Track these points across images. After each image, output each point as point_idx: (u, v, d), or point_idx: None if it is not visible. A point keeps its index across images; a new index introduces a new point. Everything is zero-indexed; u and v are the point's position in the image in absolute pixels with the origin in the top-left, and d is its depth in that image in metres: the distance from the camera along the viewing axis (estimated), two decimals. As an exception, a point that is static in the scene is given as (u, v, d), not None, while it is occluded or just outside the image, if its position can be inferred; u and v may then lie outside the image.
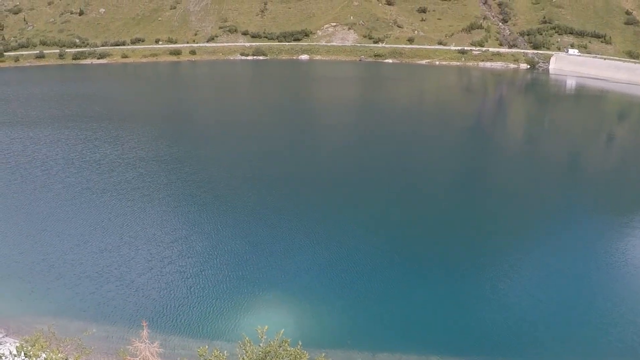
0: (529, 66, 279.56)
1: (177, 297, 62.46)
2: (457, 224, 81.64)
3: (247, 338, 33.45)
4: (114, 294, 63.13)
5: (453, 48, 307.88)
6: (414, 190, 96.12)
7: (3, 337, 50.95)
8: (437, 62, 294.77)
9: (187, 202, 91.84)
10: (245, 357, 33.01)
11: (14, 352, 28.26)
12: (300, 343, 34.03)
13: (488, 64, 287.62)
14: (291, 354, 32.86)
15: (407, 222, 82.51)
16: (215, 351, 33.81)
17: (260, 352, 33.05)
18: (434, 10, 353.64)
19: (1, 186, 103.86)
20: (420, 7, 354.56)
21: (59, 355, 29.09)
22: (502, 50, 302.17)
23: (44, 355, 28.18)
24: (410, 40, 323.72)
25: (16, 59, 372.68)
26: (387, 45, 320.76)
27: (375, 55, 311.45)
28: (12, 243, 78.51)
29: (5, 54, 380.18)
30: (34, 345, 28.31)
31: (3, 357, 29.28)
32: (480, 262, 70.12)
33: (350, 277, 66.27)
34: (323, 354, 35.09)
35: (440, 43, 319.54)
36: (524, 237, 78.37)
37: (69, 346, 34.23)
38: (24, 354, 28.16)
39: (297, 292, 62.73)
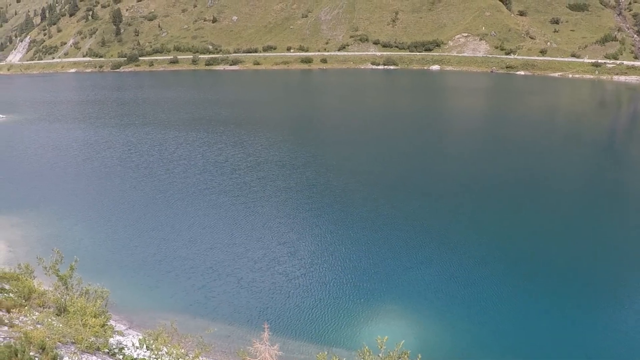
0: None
1: (296, 300, 61.08)
2: (584, 241, 77.60)
3: (366, 347, 32.15)
4: (235, 295, 62.28)
5: (586, 61, 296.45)
6: (540, 203, 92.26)
7: (127, 329, 51.03)
8: (570, 75, 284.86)
9: (304, 207, 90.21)
10: (363, 366, 31.85)
11: (137, 344, 27.83)
12: (419, 356, 32.70)
13: (622, 78, 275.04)
14: (410, 366, 31.66)
15: (533, 236, 78.99)
16: (334, 358, 33.04)
17: (379, 363, 31.83)
18: (566, 22, 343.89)
19: (125, 183, 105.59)
20: (553, 18, 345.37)
21: (181, 350, 28.63)
22: (637, 63, 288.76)
23: (165, 349, 27.69)
24: (543, 52, 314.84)
25: (150, 63, 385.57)
26: (519, 57, 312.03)
27: (506, 67, 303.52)
28: (131, 237, 79.13)
29: (140, 58, 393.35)
30: (157, 339, 27.84)
31: (126, 349, 28.85)
32: (609, 286, 66.20)
33: (475, 292, 63.44)
34: (442, 368, 33.63)
35: (573, 55, 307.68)
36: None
37: (190, 342, 33.73)
38: (146, 346, 27.71)
39: (419, 304, 60.41)
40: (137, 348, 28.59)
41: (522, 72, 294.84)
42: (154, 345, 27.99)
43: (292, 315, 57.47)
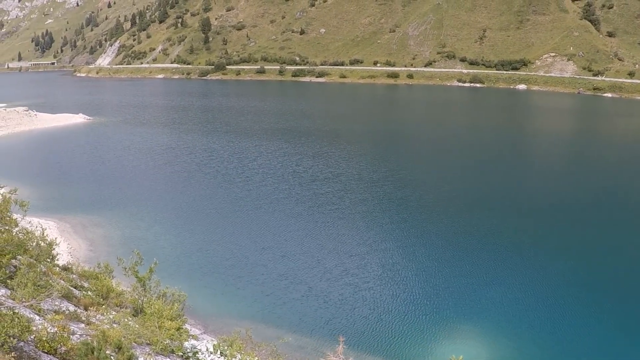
0: None
1: (368, 314, 60.14)
2: None
3: (440, 366, 31.70)
4: (308, 305, 61.86)
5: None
6: (629, 229, 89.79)
7: (201, 333, 51.19)
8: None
9: (380, 220, 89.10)
10: (437, 384, 31.39)
11: (211, 349, 27.82)
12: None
13: None
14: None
15: (621, 263, 76.49)
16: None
17: (453, 381, 31.20)
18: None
19: (203, 188, 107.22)
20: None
21: (255, 358, 28.48)
22: None
23: (239, 356, 27.56)
24: (631, 75, 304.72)
25: (238, 72, 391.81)
26: (606, 79, 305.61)
27: (593, 89, 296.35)
28: (207, 241, 79.64)
29: (227, 67, 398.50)
30: (231, 346, 27.75)
31: (200, 353, 28.88)
32: None
33: (553, 317, 61.84)
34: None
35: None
36: None
37: (264, 351, 33.50)
38: (220, 352, 27.66)
39: (493, 324, 58.84)
40: (211, 353, 28.50)
41: (609, 94, 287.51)
42: (228, 352, 27.87)
43: (364, 328, 56.88)
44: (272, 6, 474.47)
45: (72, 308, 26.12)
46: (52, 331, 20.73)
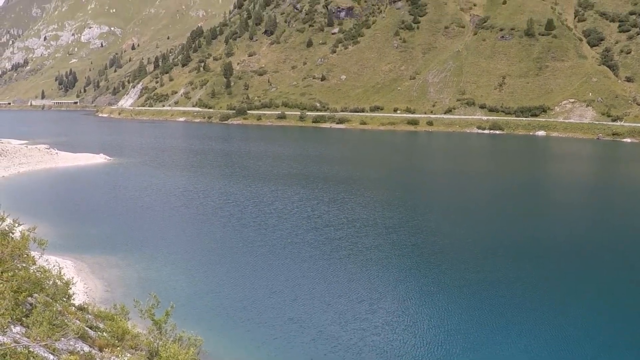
0: None
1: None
2: None
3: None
4: (318, 349, 62.08)
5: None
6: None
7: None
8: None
9: (392, 267, 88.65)
10: None
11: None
12: None
13: None
14: None
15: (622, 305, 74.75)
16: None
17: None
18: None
19: (218, 231, 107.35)
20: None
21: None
22: None
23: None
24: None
25: (258, 117, 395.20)
26: (625, 124, 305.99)
27: (613, 134, 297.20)
28: (221, 284, 79.67)
29: (248, 111, 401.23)
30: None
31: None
32: None
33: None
34: None
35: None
36: None
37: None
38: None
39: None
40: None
41: (628, 140, 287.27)
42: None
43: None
44: (293, 52, 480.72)
45: (87, 349, 26.28)
46: (66, 371, 20.90)
